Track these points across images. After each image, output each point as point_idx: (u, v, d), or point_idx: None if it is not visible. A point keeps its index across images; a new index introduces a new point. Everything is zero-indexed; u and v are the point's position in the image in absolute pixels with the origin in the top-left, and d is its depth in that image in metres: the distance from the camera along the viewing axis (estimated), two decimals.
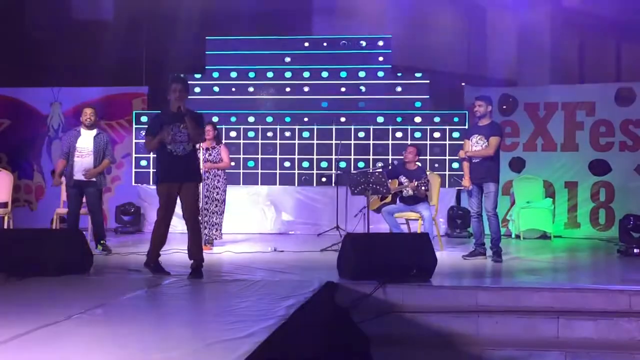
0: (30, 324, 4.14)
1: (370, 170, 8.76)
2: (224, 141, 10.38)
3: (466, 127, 10.86)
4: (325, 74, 11.36)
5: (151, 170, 11.10)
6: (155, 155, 6.91)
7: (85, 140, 8.46)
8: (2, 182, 9.69)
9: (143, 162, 11.31)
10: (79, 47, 11.79)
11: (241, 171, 11.22)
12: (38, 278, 6.01)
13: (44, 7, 11.78)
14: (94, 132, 8.54)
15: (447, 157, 10.95)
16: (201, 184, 8.70)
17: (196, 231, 6.60)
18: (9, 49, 11.94)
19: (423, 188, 8.63)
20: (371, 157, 11.08)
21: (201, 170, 8.73)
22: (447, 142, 11.00)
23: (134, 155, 11.32)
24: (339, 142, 10.99)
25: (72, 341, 3.87)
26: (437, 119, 11.09)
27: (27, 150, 12.00)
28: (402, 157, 9.52)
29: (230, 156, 9.32)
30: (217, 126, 9.47)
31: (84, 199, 8.57)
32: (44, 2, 11.66)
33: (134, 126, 11.36)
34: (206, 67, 11.47)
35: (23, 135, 12.01)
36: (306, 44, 11.45)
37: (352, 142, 11.16)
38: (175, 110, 6.51)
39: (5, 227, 8.99)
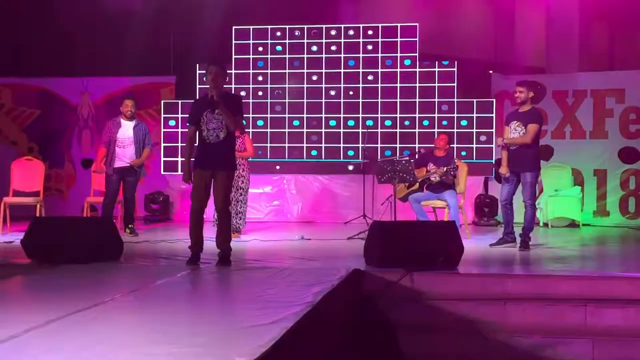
0: (63, 309, 4.21)
1: (397, 159, 8.76)
2: (250, 130, 10.44)
3: (493, 115, 10.82)
4: (351, 62, 11.35)
5: (179, 159, 11.21)
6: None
7: (126, 130, 8.86)
8: (34, 171, 9.86)
9: (172, 151, 11.42)
10: (107, 37, 11.90)
11: (268, 159, 11.26)
12: (69, 265, 6.10)
13: None
14: (134, 122, 8.88)
15: (474, 145, 10.90)
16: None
17: (225, 221, 6.55)
18: (39, 39, 12.09)
19: (452, 173, 8.61)
20: (398, 145, 11.07)
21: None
22: (474, 130, 10.95)
23: (162, 144, 11.42)
24: (365, 130, 11.00)
25: (104, 327, 3.94)
26: (464, 107, 11.03)
27: (57, 139, 12.16)
28: (428, 145, 9.52)
29: (257, 145, 9.38)
30: (245, 115, 9.51)
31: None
32: None
33: (162, 115, 11.46)
34: (234, 56, 11.51)
35: (54, 125, 12.17)
36: (332, 32, 11.44)
37: (379, 130, 11.16)
38: (209, 95, 6.39)
39: (37, 214, 9.13)
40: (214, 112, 6.41)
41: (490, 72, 11.68)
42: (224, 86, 6.63)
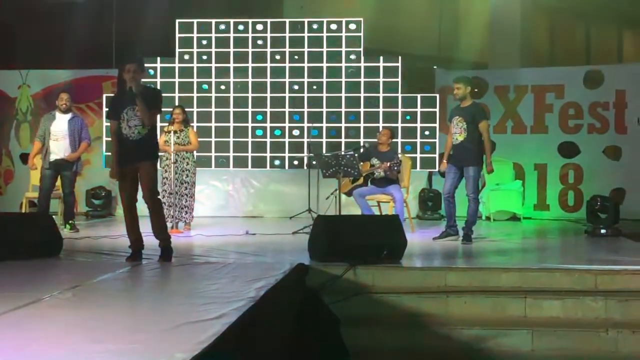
0: (1, 307, 4.12)
1: (342, 153, 8.78)
2: (194, 124, 10.34)
3: (437, 109, 10.91)
4: (296, 57, 11.33)
5: None
6: None
7: (60, 123, 8.75)
8: None
9: None
10: (48, 29, 11.67)
11: (212, 154, 11.18)
12: (8, 262, 5.96)
13: None
14: (69, 115, 8.76)
15: (418, 140, 10.99)
16: (172, 165, 8.71)
17: (157, 210, 6.44)
18: None
19: (395, 169, 8.67)
20: (343, 140, 11.10)
21: (170, 153, 8.74)
22: (419, 124, 11.03)
23: (104, 138, 11.22)
24: (310, 124, 10.99)
25: (41, 324, 3.86)
26: (408, 102, 11.12)
27: None
28: (374, 140, 9.57)
29: (201, 139, 9.30)
30: (186, 109, 9.43)
31: (57, 182, 8.70)
32: None
33: (104, 109, 11.25)
34: (178, 50, 11.38)
35: None
36: (277, 27, 11.39)
37: (324, 125, 11.17)
38: (128, 87, 6.33)
39: None
40: (134, 109, 6.33)
41: (434, 67, 11.79)
42: (142, 80, 6.58)
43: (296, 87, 11.27)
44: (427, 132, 10.96)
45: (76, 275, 5.66)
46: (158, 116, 6.73)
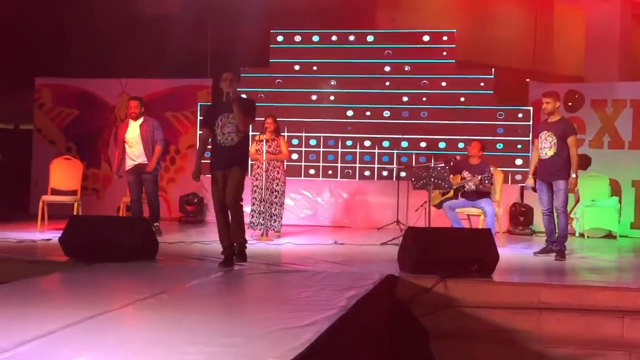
0: (99, 307, 4.26)
1: (433, 165, 8.72)
2: (285, 133, 10.47)
3: (530, 123, 10.72)
4: (387, 69, 11.34)
5: None
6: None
7: (133, 130, 9.01)
8: (72, 170, 9.99)
9: (207, 153, 11.45)
10: (146, 39, 12.05)
11: (303, 164, 11.30)
12: (105, 264, 6.17)
13: (114, 1, 12.06)
14: (140, 120, 8.92)
15: (511, 153, 10.81)
16: (264, 174, 8.84)
17: (238, 215, 6.69)
18: (79, 41, 12.28)
19: (487, 182, 8.56)
20: (433, 152, 11.02)
21: (261, 162, 8.87)
22: (511, 137, 10.87)
23: (198, 146, 11.48)
24: (400, 136, 10.96)
25: (138, 325, 3.98)
26: (501, 115, 10.96)
27: (95, 140, 12.30)
28: (464, 152, 9.46)
29: (292, 149, 9.40)
30: (278, 119, 9.55)
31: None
32: None
33: (199, 118, 11.54)
34: (270, 60, 11.56)
35: (91, 125, 12.32)
36: (369, 38, 11.44)
37: (414, 136, 11.12)
38: (225, 98, 6.63)
39: (75, 213, 9.25)
40: (229, 116, 6.60)
41: (528, 80, 11.58)
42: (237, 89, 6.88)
43: (388, 98, 11.27)
44: (519, 146, 10.77)
45: (171, 278, 5.81)
46: (250, 125, 6.92)
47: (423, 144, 11.09)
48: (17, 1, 11.82)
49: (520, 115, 10.91)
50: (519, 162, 10.71)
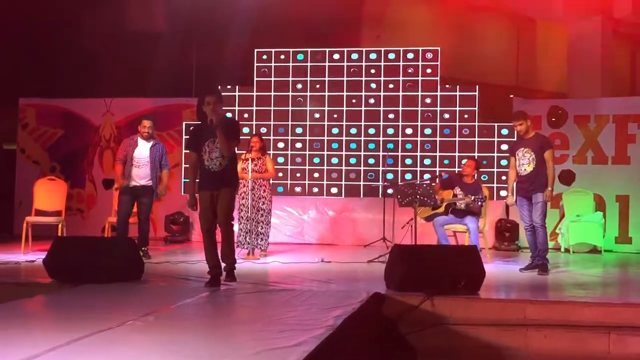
0: (84, 329, 4.23)
1: (419, 182, 8.74)
2: (271, 152, 10.48)
3: (514, 139, 10.77)
4: (373, 85, 11.38)
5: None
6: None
7: (143, 150, 8.78)
8: (56, 190, 9.93)
9: None
10: (130, 58, 12.04)
11: (288, 182, 11.30)
12: (91, 285, 6.12)
13: (98, 18, 12.04)
14: (151, 142, 8.80)
15: (496, 170, 10.87)
16: (249, 192, 8.83)
17: (229, 234, 6.72)
18: (62, 60, 12.25)
19: (480, 203, 8.60)
20: (419, 168, 11.06)
21: (247, 180, 8.86)
22: (496, 154, 10.93)
23: (183, 165, 11.48)
24: (386, 153, 11.00)
25: (124, 348, 3.94)
26: (485, 131, 11.03)
27: (79, 159, 12.25)
28: (448, 169, 9.50)
29: (278, 167, 9.40)
30: (264, 137, 9.57)
31: (134, 208, 8.81)
32: (98, 14, 11.91)
33: (184, 137, 11.53)
34: (255, 79, 11.58)
35: (76, 145, 12.27)
36: (354, 56, 11.48)
37: (400, 153, 11.16)
38: (209, 120, 6.64)
39: (60, 234, 9.19)
40: (215, 141, 6.62)
41: (512, 96, 11.65)
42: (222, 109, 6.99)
43: (372, 116, 11.31)
44: (504, 162, 10.83)
45: (157, 299, 5.77)
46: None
47: (409, 161, 11.13)
48: (2, 24, 11.80)
49: (504, 131, 10.97)
50: (503, 178, 10.76)
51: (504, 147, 10.87)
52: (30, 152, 12.37)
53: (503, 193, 10.76)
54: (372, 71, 11.40)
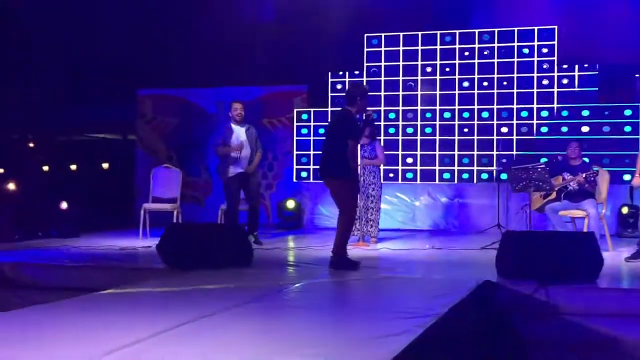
0: (189, 315, 4.28)
1: (532, 166, 8.41)
2: (381, 138, 10.36)
3: (638, 120, 10.23)
4: (486, 68, 11.06)
5: (312, 167, 11.32)
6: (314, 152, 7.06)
7: (240, 135, 8.79)
8: (172, 178, 10.19)
9: (304, 159, 11.54)
10: (243, 48, 12.21)
11: (400, 167, 11.16)
12: (200, 271, 6.22)
13: (211, 11, 12.27)
14: (246, 126, 8.85)
15: (618, 152, 10.34)
16: (360, 179, 8.78)
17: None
18: (177, 52, 12.59)
19: (592, 179, 8.18)
20: (535, 152, 10.67)
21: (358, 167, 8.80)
22: (619, 136, 10.39)
23: (295, 152, 11.56)
24: (500, 137, 10.68)
25: (227, 334, 3.95)
26: (607, 112, 10.51)
27: (194, 148, 12.56)
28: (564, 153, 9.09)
29: (387, 153, 9.29)
30: (376, 123, 9.46)
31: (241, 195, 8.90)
32: (210, 7, 12.14)
33: (295, 124, 11.60)
34: (365, 64, 11.49)
35: (191, 133, 12.59)
36: (465, 38, 11.18)
37: (515, 137, 10.81)
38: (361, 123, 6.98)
39: (175, 221, 9.44)
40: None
41: (637, 75, 11.04)
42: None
43: (485, 99, 11.00)
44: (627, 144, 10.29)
45: (264, 285, 5.80)
46: None
47: (523, 145, 10.75)
48: (121, 19, 12.26)
49: (628, 112, 10.42)
50: (627, 161, 10.21)
51: (627, 128, 10.33)
52: (148, 142, 12.78)
53: (626, 177, 10.23)
54: (486, 52, 11.07)
